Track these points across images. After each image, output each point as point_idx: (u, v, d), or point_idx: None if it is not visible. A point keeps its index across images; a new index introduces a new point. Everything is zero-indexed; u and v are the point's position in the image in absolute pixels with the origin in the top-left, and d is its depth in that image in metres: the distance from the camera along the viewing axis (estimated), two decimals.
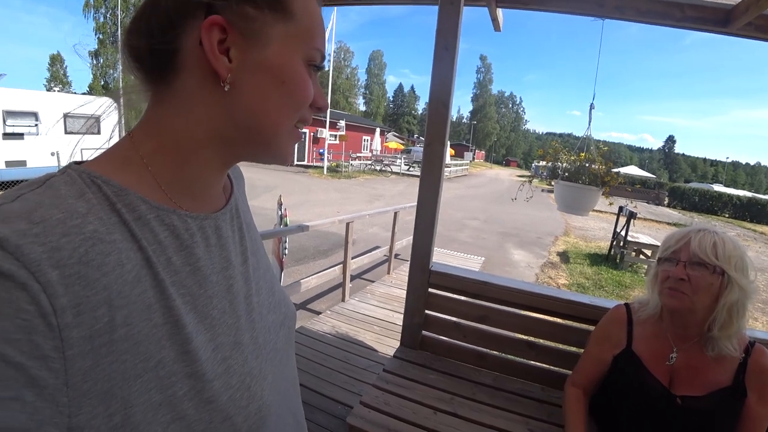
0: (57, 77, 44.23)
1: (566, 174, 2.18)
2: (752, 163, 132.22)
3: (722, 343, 1.14)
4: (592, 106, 2.21)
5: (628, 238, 8.29)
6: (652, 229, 15.05)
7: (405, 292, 2.24)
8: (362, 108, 76.41)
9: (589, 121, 2.24)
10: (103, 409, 0.35)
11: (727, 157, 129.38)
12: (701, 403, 1.15)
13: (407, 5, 2.33)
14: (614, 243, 9.02)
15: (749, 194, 31.60)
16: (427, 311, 2.17)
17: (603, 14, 1.99)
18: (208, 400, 0.42)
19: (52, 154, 10.21)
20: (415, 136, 78.70)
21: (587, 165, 2.13)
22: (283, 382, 0.58)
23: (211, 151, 0.48)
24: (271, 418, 0.51)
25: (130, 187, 0.41)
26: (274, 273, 0.66)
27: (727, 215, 28.28)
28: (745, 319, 1.15)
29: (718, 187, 35.54)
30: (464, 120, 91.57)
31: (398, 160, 30.26)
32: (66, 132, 10.71)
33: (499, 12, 2.27)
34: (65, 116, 10.75)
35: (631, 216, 8.12)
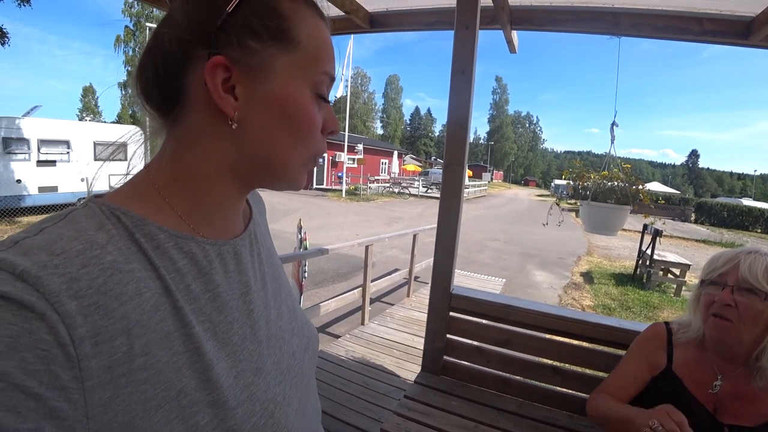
0: (89, 108, 46.51)
1: (589, 193, 2.13)
2: None
3: None
4: (614, 124, 2.18)
5: (655, 257, 8.03)
6: (680, 247, 14.59)
7: (425, 315, 2.20)
8: (380, 131, 77.37)
9: (612, 140, 2.21)
10: None
11: (755, 170, 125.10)
12: None
13: (423, 30, 2.37)
14: (640, 262, 8.75)
15: None
16: (448, 335, 2.12)
17: (619, 32, 1.98)
18: (231, 429, 0.41)
19: (82, 180, 10.63)
20: (433, 158, 79.20)
21: (618, 184, 2.09)
22: (308, 408, 0.57)
23: (226, 182, 0.48)
24: None
25: (148, 218, 0.42)
26: (295, 297, 0.65)
27: (759, 230, 27.27)
28: None
29: (748, 202, 34.41)
30: (481, 141, 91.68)
31: (416, 183, 30.36)
32: (95, 159, 11.18)
33: (514, 34, 2.29)
34: (95, 144, 11.25)
35: (657, 234, 7.89)
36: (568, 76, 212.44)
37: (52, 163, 10.65)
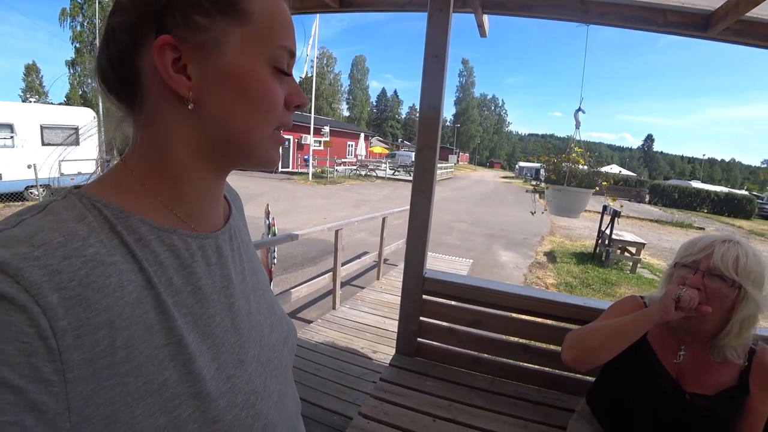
0: (33, 87, 43.33)
1: (556, 177, 2.20)
2: (727, 160, 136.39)
3: (728, 351, 1.15)
4: (580, 110, 2.23)
5: (613, 237, 8.42)
6: (636, 226, 15.33)
7: (395, 297, 2.24)
8: (346, 113, 76.38)
9: (577, 125, 2.27)
10: None
11: (704, 155, 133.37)
12: (710, 403, 1.16)
13: (396, 12, 2.33)
14: (599, 241, 9.15)
15: (726, 190, 32.53)
16: (421, 318, 2.16)
17: (587, 20, 2.02)
18: (213, 420, 0.41)
19: (29, 166, 9.94)
20: (400, 140, 79.15)
21: (581, 167, 2.16)
22: (286, 400, 0.58)
23: (199, 167, 0.47)
24: None
25: (130, 210, 0.42)
26: (272, 292, 0.66)
27: (705, 210, 29.02)
28: (754, 329, 1.15)
29: (696, 184, 36.37)
30: (448, 123, 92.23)
31: (383, 165, 30.34)
32: (43, 144, 10.45)
33: (485, 18, 2.29)
34: (42, 128, 10.50)
35: (616, 214, 8.25)
36: (532, 61, 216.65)
37: None
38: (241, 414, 0.45)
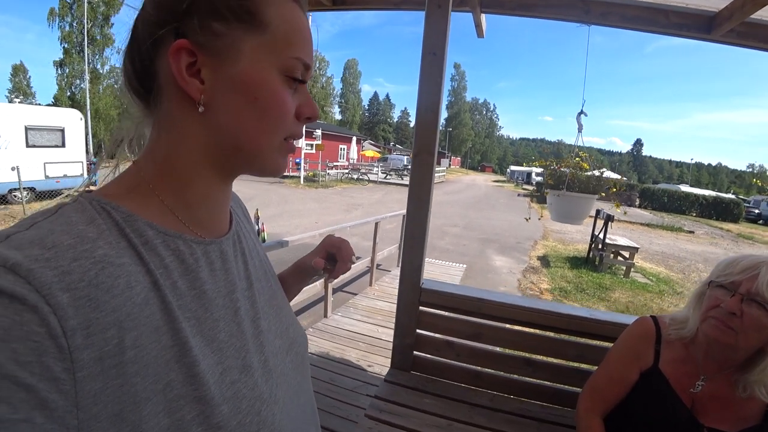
0: (20, 88, 42.60)
1: (559, 183, 2.12)
2: (714, 164, 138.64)
3: (758, 387, 1.03)
4: (582, 113, 2.17)
5: (607, 241, 8.40)
6: (627, 230, 15.41)
7: (388, 304, 2.16)
8: (338, 117, 76.34)
9: (579, 129, 2.21)
10: None
11: (692, 159, 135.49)
12: None
13: (389, 10, 2.25)
14: (593, 246, 9.13)
15: (713, 193, 32.90)
16: (418, 330, 2.07)
17: (589, 20, 1.95)
18: (217, 426, 0.41)
19: (13, 168, 9.69)
20: (392, 144, 79.31)
21: (587, 173, 2.09)
22: (295, 409, 0.57)
23: (205, 170, 0.48)
24: None
25: (137, 213, 0.43)
26: (283, 298, 0.66)
27: (694, 214, 29.35)
28: None
29: (685, 188, 36.78)
30: (440, 127, 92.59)
31: (375, 168, 30.30)
32: (28, 146, 10.20)
33: (483, 17, 2.22)
34: (27, 129, 10.24)
35: (609, 219, 8.24)
36: (524, 66, 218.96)
37: None
38: (245, 420, 0.44)
